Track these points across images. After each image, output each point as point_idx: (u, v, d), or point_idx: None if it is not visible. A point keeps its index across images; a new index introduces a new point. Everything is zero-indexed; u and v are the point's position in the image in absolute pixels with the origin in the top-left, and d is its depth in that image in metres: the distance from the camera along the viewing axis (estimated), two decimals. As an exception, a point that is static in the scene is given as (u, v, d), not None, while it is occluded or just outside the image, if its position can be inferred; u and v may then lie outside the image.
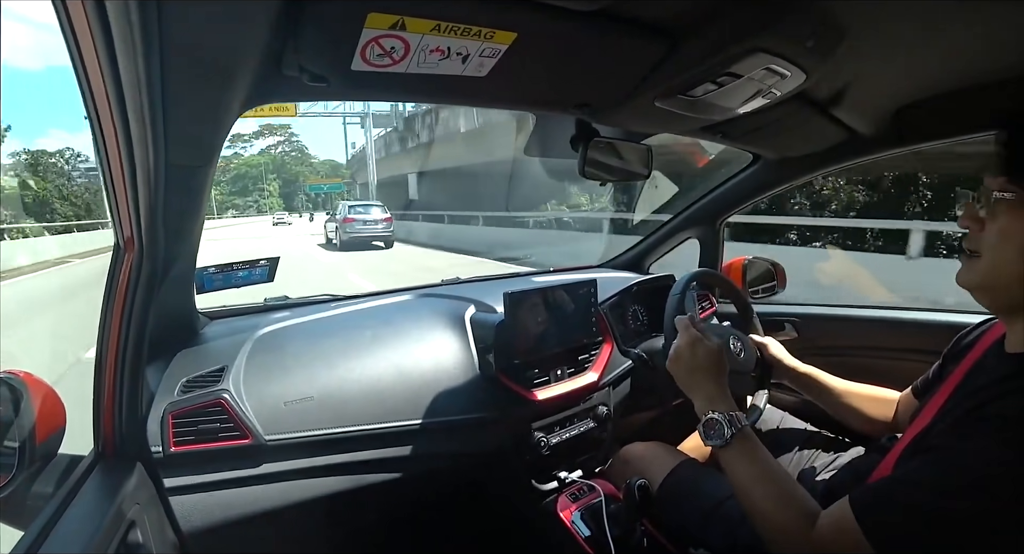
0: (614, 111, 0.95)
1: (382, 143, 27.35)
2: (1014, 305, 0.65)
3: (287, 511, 0.92)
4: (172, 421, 0.87)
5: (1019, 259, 0.62)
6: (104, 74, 0.48)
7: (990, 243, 0.64)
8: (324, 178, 75.26)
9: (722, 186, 1.63)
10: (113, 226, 0.71)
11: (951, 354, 0.86)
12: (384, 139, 27.00)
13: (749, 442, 0.80)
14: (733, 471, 0.80)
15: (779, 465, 0.80)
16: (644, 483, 0.92)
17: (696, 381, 0.90)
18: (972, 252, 0.67)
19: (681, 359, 0.93)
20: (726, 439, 0.80)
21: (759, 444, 0.81)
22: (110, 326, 0.74)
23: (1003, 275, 0.64)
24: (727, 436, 0.80)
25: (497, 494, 1.26)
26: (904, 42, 0.79)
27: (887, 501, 0.63)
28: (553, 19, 0.62)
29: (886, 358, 1.38)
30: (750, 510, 0.77)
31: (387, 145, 26.27)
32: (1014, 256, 0.62)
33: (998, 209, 0.63)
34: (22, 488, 0.72)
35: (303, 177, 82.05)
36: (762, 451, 0.81)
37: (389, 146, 25.85)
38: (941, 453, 0.62)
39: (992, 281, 0.65)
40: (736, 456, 0.80)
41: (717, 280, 1.39)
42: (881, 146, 1.21)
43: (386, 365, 1.08)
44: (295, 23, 0.57)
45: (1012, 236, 0.62)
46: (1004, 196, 0.62)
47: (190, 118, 0.66)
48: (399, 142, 23.57)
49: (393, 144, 24.84)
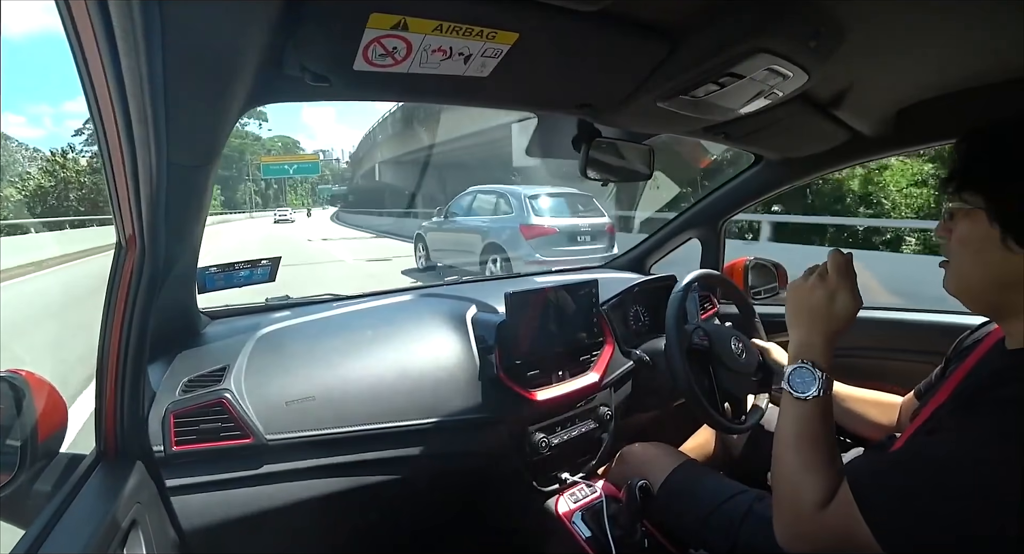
0: (616, 111, 0.95)
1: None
2: (995, 306, 0.68)
3: (288, 511, 0.92)
4: (173, 420, 0.87)
5: (978, 264, 0.65)
6: (107, 74, 0.48)
7: (954, 250, 0.68)
8: (284, 156, 51.97)
9: (724, 187, 1.63)
10: (115, 225, 0.71)
11: (953, 356, 0.86)
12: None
13: (825, 407, 0.74)
14: (796, 425, 0.73)
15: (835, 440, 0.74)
16: (645, 484, 0.92)
17: (801, 321, 0.81)
18: (945, 260, 0.71)
19: (800, 291, 0.82)
20: (809, 395, 0.73)
21: (830, 412, 0.75)
22: (112, 325, 0.74)
23: (968, 280, 0.67)
24: (811, 393, 0.73)
25: (498, 494, 1.26)
26: (906, 43, 0.79)
27: (883, 476, 0.63)
28: (555, 19, 0.62)
29: (889, 359, 1.38)
30: (785, 470, 0.72)
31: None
32: (973, 261, 0.65)
33: (957, 218, 0.67)
34: (24, 487, 0.73)
35: (250, 154, 57.25)
36: (829, 418, 0.74)
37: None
38: (938, 435, 0.63)
39: (962, 286, 0.69)
40: (807, 412, 0.73)
41: (718, 281, 1.39)
42: (883, 147, 1.21)
43: (388, 365, 1.08)
44: (297, 22, 0.57)
45: (968, 243, 0.65)
46: (959, 206, 0.66)
47: (192, 117, 0.66)
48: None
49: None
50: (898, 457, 0.66)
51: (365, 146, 34.91)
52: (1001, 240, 0.61)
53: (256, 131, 67.59)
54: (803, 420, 0.73)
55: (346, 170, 69.06)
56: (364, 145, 35.70)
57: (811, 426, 0.72)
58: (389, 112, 25.18)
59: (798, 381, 0.75)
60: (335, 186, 57.36)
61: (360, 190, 41.12)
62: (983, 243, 0.63)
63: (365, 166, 34.51)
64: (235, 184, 59.06)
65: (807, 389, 0.73)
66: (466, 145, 16.77)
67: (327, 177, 67.57)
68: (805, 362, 0.75)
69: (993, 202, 0.62)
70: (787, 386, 0.75)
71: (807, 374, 0.74)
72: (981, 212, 0.63)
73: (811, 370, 0.74)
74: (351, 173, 49.57)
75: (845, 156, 1.28)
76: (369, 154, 32.52)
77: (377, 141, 28.82)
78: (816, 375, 0.74)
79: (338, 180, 64.70)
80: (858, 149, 1.23)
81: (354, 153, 44.05)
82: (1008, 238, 0.61)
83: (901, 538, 0.59)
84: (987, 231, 0.62)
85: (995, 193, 0.62)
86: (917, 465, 0.61)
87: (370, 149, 32.04)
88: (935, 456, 0.60)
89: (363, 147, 36.59)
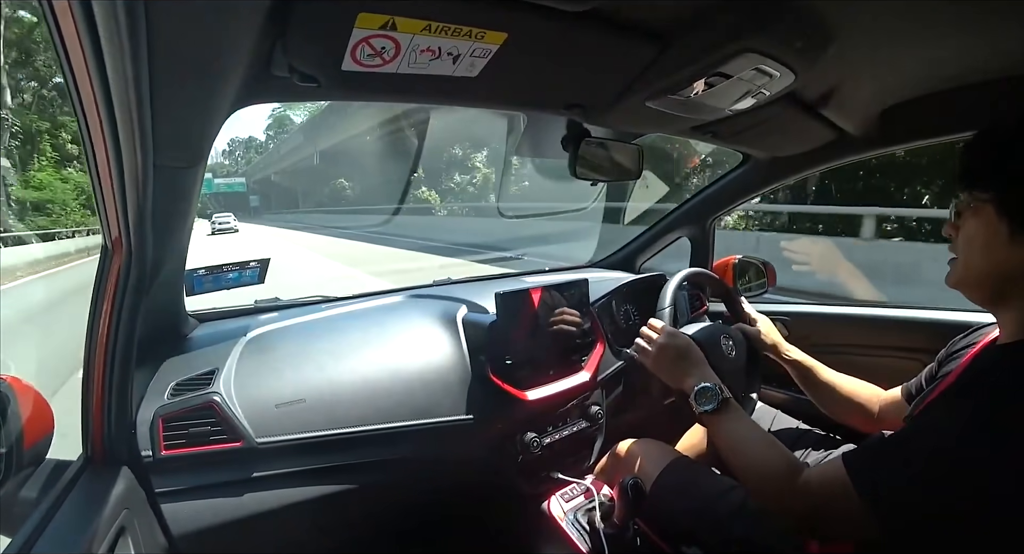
0: (605, 111, 0.95)
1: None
2: (994, 298, 0.71)
3: (279, 514, 0.92)
4: (162, 424, 0.86)
5: (984, 258, 0.68)
6: (91, 75, 0.47)
7: (961, 247, 0.72)
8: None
9: (713, 186, 1.64)
10: (101, 228, 0.70)
11: (945, 358, 0.89)
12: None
13: (738, 409, 0.89)
14: (727, 431, 0.87)
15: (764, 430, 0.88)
16: (637, 482, 0.93)
17: (683, 368, 0.97)
18: (953, 257, 0.74)
19: (663, 357, 1.00)
20: (718, 403, 0.87)
21: (744, 411, 0.90)
22: (99, 329, 0.73)
23: (974, 274, 0.71)
24: (718, 400, 0.88)
25: (490, 494, 1.26)
26: (891, 44, 0.80)
27: (878, 454, 0.68)
28: (544, 19, 0.62)
29: (877, 356, 1.40)
30: (741, 465, 0.83)
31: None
32: (979, 257, 0.69)
33: (964, 216, 0.70)
34: (9, 494, 0.71)
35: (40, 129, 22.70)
36: (749, 417, 0.90)
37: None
38: (932, 417, 0.68)
39: (967, 280, 0.72)
40: (727, 419, 0.87)
41: (707, 278, 1.40)
42: (869, 146, 1.22)
43: (378, 367, 1.07)
44: (285, 23, 0.57)
45: (974, 239, 0.69)
46: (966, 204, 0.69)
47: (178, 119, 0.65)
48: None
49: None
50: (891, 437, 0.70)
51: (284, 137, 34.07)
52: (1009, 235, 0.64)
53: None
54: (732, 424, 0.87)
55: (231, 165, 70.54)
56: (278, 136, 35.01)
57: (741, 425, 0.87)
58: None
59: (704, 399, 0.89)
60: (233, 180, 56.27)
61: (275, 188, 40.36)
62: (991, 238, 0.66)
63: (288, 159, 33.25)
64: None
65: (715, 399, 0.88)
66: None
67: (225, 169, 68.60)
68: (704, 383, 0.90)
69: (1002, 198, 0.65)
70: (700, 408, 0.89)
71: (708, 391, 0.89)
72: (989, 209, 0.66)
73: (709, 386, 0.90)
74: (256, 169, 48.94)
75: (832, 155, 1.29)
76: (299, 146, 31.37)
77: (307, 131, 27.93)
78: (715, 387, 0.89)
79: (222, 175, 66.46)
80: (844, 148, 1.25)
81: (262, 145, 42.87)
82: (1016, 233, 0.63)
83: (874, 486, 0.65)
84: (995, 227, 0.65)
85: (1004, 189, 0.65)
86: (908, 441, 0.67)
87: (300, 140, 30.89)
88: (926, 432, 0.66)
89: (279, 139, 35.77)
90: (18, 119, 19.58)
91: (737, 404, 0.89)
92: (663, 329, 1.03)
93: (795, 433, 1.22)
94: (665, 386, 0.99)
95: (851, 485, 0.66)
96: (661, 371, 1.00)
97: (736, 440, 0.85)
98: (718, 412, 0.87)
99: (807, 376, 1.15)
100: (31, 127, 19.99)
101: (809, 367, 1.15)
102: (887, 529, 0.63)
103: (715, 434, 0.89)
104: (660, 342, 1.01)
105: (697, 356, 0.98)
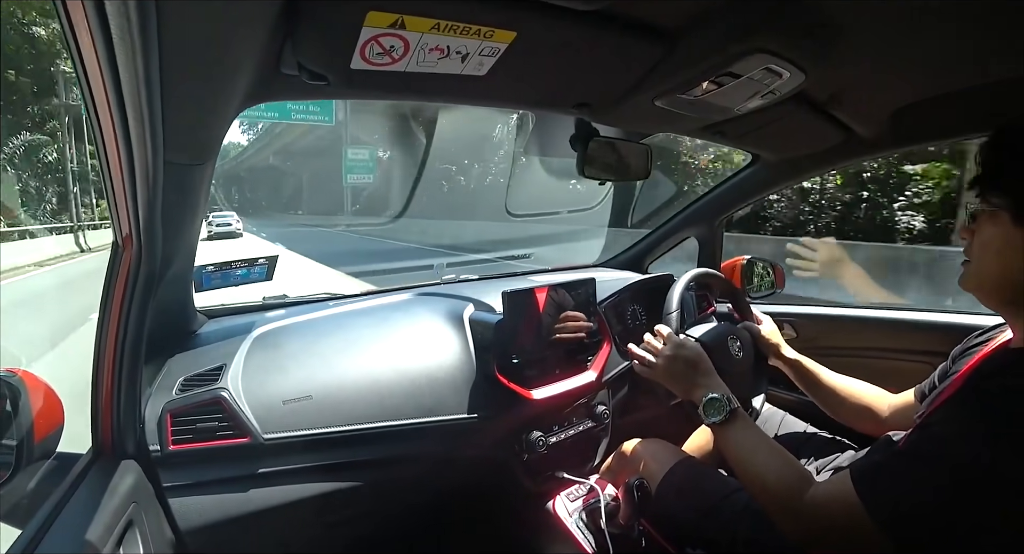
0: (613, 111, 0.95)
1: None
2: (1008, 302, 0.70)
3: (285, 510, 0.92)
4: (170, 419, 0.87)
5: (999, 263, 0.68)
6: (103, 73, 0.48)
7: (975, 251, 0.71)
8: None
9: (721, 186, 1.64)
10: (112, 224, 0.70)
11: (959, 354, 0.88)
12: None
13: (746, 419, 0.88)
14: (735, 442, 0.85)
15: (773, 440, 0.86)
16: (643, 482, 0.93)
17: (691, 379, 0.95)
18: (966, 260, 0.74)
19: (670, 368, 0.98)
20: (726, 415, 0.86)
21: (753, 422, 0.89)
22: (108, 324, 0.74)
23: (988, 278, 0.71)
24: (727, 411, 0.87)
25: (495, 493, 1.26)
26: (902, 44, 0.79)
27: (884, 468, 0.67)
28: (553, 18, 0.62)
29: (885, 359, 1.39)
30: (749, 477, 0.82)
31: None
32: (994, 261, 0.69)
33: (980, 220, 0.70)
34: (20, 486, 0.72)
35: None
36: (757, 427, 0.88)
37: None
38: (940, 427, 0.66)
39: (980, 284, 0.72)
40: (736, 430, 0.86)
41: (714, 279, 1.39)
42: (878, 147, 1.22)
43: (385, 364, 1.08)
44: (295, 21, 0.57)
45: (990, 243, 0.69)
46: (982, 209, 0.69)
47: (189, 116, 0.66)
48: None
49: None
50: (898, 450, 0.69)
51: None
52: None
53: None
54: (741, 435, 0.85)
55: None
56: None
57: (750, 437, 0.85)
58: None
59: (712, 410, 0.88)
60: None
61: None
62: (1006, 244, 0.66)
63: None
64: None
65: (723, 410, 0.87)
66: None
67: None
68: (712, 394, 0.89)
69: (1019, 203, 0.64)
70: (708, 419, 0.88)
71: (716, 402, 0.88)
72: (1005, 214, 0.65)
73: (717, 396, 0.89)
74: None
75: (841, 155, 1.29)
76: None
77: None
78: (723, 397, 0.88)
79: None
80: (853, 149, 1.24)
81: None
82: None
83: (888, 506, 0.63)
84: (1011, 232, 0.65)
85: (1021, 194, 0.64)
86: (916, 454, 0.65)
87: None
88: (933, 444, 0.64)
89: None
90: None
91: (745, 414, 0.88)
92: (669, 337, 1.02)
93: (802, 436, 1.21)
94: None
95: (861, 506, 0.64)
96: (668, 382, 0.99)
97: (744, 451, 0.84)
98: (726, 423, 0.86)
99: (808, 378, 1.14)
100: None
101: (810, 369, 1.14)
102: (900, 548, 0.62)
103: (723, 445, 0.88)
104: (667, 353, 1.00)
105: (706, 366, 0.96)
